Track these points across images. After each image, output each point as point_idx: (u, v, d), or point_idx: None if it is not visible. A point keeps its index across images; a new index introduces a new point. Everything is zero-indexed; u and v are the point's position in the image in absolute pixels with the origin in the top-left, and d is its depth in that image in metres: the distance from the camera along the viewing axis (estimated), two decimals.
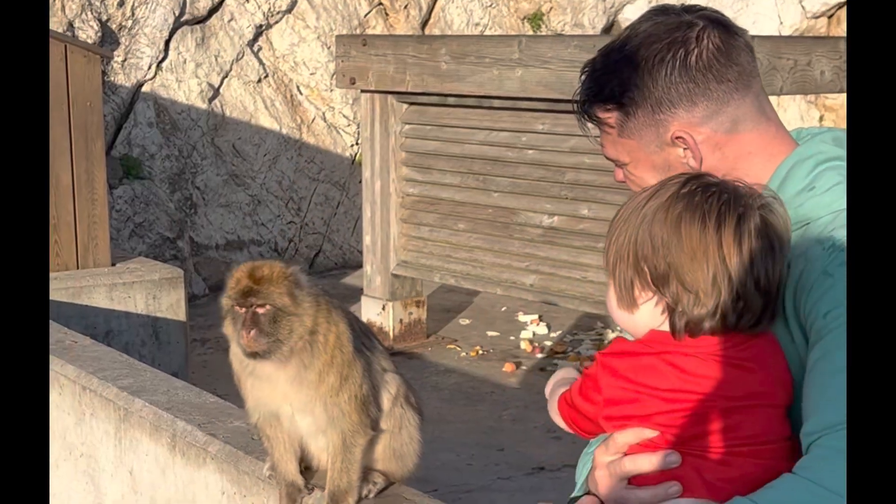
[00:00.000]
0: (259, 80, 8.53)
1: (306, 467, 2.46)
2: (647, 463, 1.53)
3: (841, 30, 10.00)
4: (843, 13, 10.14)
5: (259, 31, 8.56)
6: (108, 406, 3.30)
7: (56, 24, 7.41)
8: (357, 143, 8.90)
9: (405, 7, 9.23)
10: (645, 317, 1.57)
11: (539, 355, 6.31)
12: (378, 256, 6.50)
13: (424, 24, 9.39)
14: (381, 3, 9.15)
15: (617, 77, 1.68)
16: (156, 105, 8.00)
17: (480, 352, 6.36)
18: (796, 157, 1.66)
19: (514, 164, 5.88)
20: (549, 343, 6.51)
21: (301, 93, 8.76)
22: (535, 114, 5.73)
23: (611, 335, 6.43)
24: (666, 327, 1.55)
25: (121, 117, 7.85)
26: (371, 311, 6.51)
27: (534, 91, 5.51)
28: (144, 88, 7.97)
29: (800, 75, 5.44)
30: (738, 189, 1.56)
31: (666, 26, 1.66)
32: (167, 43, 8.05)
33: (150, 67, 7.96)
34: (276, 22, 8.64)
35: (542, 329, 6.79)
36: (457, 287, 6.81)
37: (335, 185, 8.90)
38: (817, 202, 1.59)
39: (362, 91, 6.48)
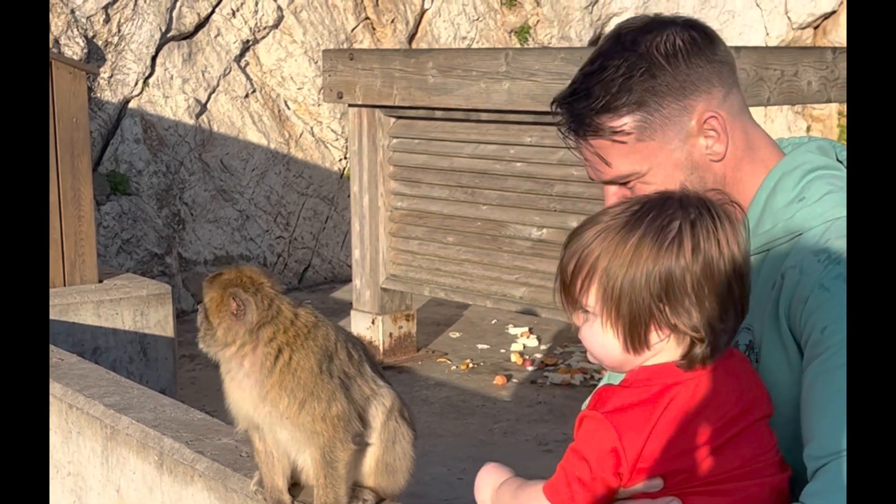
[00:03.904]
0: (246, 96, 8.52)
1: (294, 483, 2.44)
2: None
3: (827, 40, 10.04)
4: (829, 24, 10.18)
5: (246, 47, 8.55)
6: (95, 424, 3.28)
7: None
8: (345, 158, 8.89)
9: (392, 21, 9.23)
10: (651, 355, 1.47)
11: (530, 368, 6.29)
12: (367, 270, 6.48)
13: (411, 38, 9.40)
14: (367, 18, 9.15)
15: (624, 77, 1.59)
16: (143, 121, 7.97)
17: (471, 365, 6.34)
18: (783, 167, 1.64)
19: (502, 177, 5.87)
20: (539, 355, 6.50)
21: (289, 107, 8.75)
22: (522, 126, 5.73)
23: None
24: (656, 361, 1.47)
25: (108, 133, 7.82)
26: (361, 325, 6.49)
27: (521, 104, 5.51)
28: (131, 104, 7.95)
29: (787, 86, 5.45)
30: (708, 200, 1.49)
31: (649, 20, 1.64)
32: (154, 59, 8.03)
33: (136, 83, 7.94)
34: (263, 37, 8.64)
35: (532, 341, 6.78)
36: (446, 300, 6.80)
37: (324, 200, 8.89)
38: (808, 212, 1.57)
39: (350, 105, 6.47)
